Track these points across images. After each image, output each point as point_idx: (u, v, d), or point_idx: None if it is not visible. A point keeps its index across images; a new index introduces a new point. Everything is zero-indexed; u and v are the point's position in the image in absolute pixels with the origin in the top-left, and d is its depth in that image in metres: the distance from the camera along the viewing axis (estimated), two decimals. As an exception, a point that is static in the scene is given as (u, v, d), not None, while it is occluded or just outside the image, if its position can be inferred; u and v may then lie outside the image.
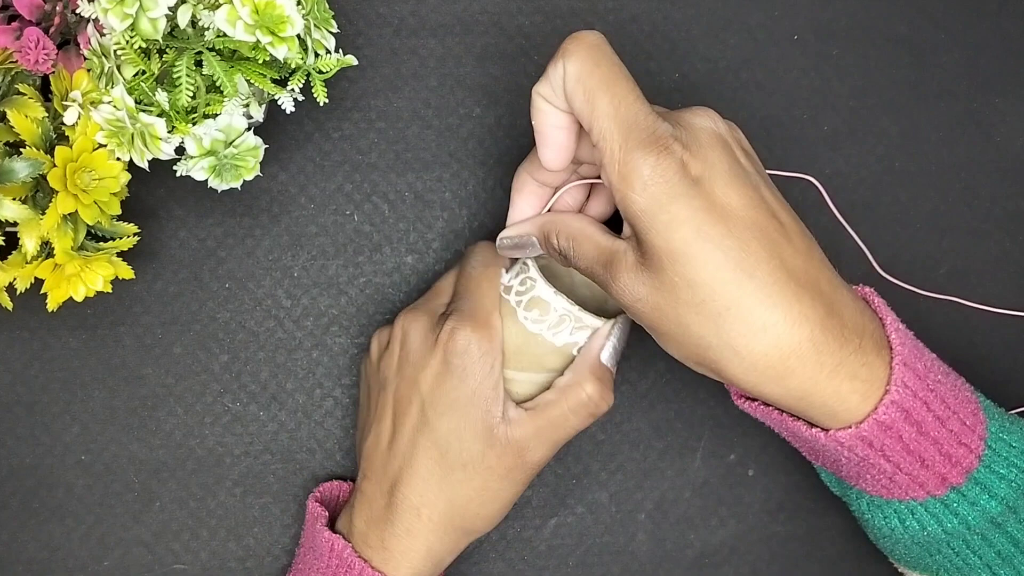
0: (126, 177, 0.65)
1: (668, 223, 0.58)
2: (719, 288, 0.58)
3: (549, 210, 0.69)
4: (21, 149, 0.63)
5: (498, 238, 0.70)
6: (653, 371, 0.80)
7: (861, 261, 0.76)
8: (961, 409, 0.64)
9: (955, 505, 0.64)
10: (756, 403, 0.66)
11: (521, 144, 0.79)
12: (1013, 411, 0.71)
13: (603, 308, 0.72)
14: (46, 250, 0.66)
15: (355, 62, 0.66)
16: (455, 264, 0.74)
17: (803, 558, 0.81)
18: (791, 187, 0.71)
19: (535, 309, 0.68)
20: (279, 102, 0.65)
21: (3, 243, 0.66)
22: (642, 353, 0.79)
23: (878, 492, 0.65)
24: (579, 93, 0.61)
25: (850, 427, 0.61)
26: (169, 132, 0.63)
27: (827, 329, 0.59)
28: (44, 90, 0.67)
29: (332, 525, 0.73)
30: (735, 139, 0.63)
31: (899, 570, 0.73)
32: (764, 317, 0.58)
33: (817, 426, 0.63)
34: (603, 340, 0.68)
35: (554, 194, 0.69)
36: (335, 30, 0.66)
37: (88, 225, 0.66)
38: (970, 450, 0.63)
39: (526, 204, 0.70)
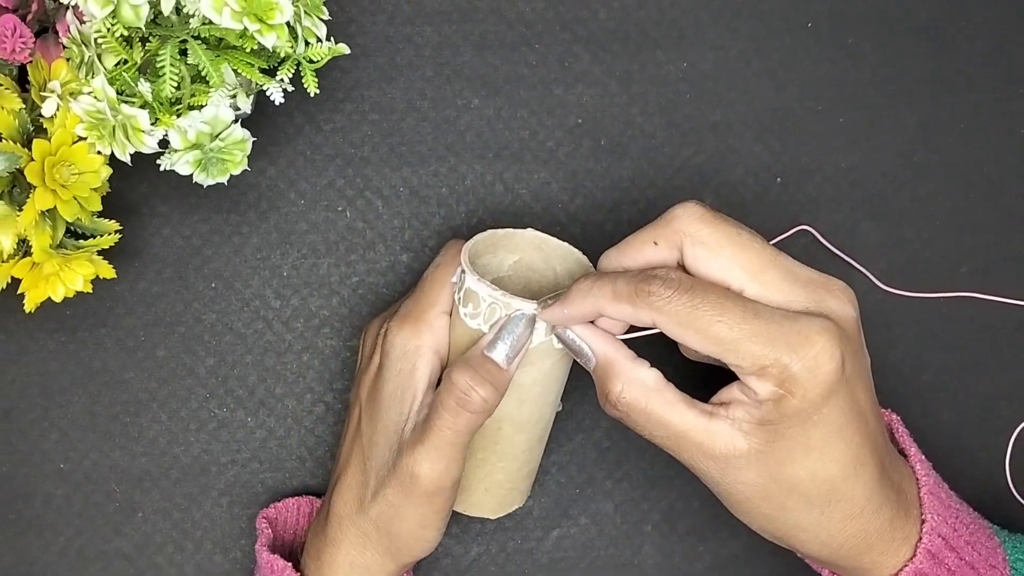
0: (107, 172, 0.65)
1: (818, 422, 0.59)
2: (838, 483, 0.61)
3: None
4: (-4, 142, 0.63)
5: (557, 328, 0.65)
6: (660, 375, 0.80)
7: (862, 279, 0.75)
8: (983, 536, 0.67)
9: None
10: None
11: (521, 137, 0.79)
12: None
13: None
14: (23, 248, 0.66)
15: (347, 51, 0.66)
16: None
17: (816, 571, 0.81)
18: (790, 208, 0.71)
19: (470, 303, 0.66)
20: (268, 93, 0.65)
21: (-22, 241, 0.66)
22: (649, 358, 0.79)
23: None
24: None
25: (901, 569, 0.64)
26: (152, 124, 0.63)
27: (899, 508, 0.64)
28: (21, 80, 0.66)
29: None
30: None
31: None
32: (864, 507, 0.62)
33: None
34: (496, 331, 0.65)
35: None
36: (326, 17, 0.66)
37: (67, 222, 0.66)
38: (1001, 572, 0.66)
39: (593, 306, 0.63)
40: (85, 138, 0.64)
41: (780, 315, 0.58)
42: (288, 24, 0.62)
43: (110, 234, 0.69)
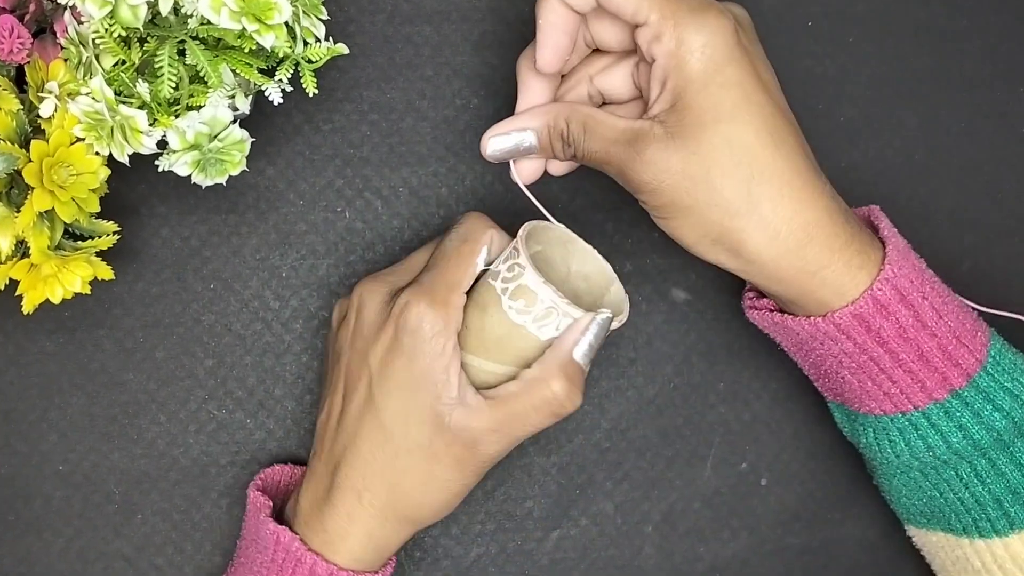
0: (105, 172, 0.65)
1: (722, 84, 0.63)
2: (757, 151, 0.64)
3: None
4: (-5, 143, 0.63)
5: (485, 138, 0.69)
6: (660, 376, 0.81)
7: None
8: (961, 312, 0.68)
9: (958, 415, 0.67)
10: (764, 310, 0.71)
11: (521, 137, 0.79)
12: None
13: (596, 305, 0.71)
14: (21, 249, 0.66)
15: (346, 51, 0.66)
16: (436, 238, 0.73)
17: (819, 571, 0.82)
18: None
19: (521, 299, 0.66)
20: (266, 93, 0.65)
21: (-24, 242, 0.66)
22: (649, 357, 0.80)
23: (881, 407, 0.68)
24: None
25: (847, 306, 0.65)
26: (150, 125, 0.63)
27: (838, 204, 0.66)
28: (19, 81, 0.66)
29: (282, 510, 0.74)
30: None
31: (912, 537, 0.75)
32: (791, 183, 0.64)
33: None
34: (578, 335, 0.66)
35: (560, 82, 0.71)
36: (325, 17, 0.66)
37: (65, 223, 0.66)
38: (971, 352, 0.67)
39: (533, 97, 0.70)
40: (83, 139, 0.63)
41: None
42: (287, 24, 0.62)
43: (108, 235, 0.69)
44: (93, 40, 0.62)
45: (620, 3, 0.64)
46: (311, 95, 0.66)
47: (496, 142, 0.69)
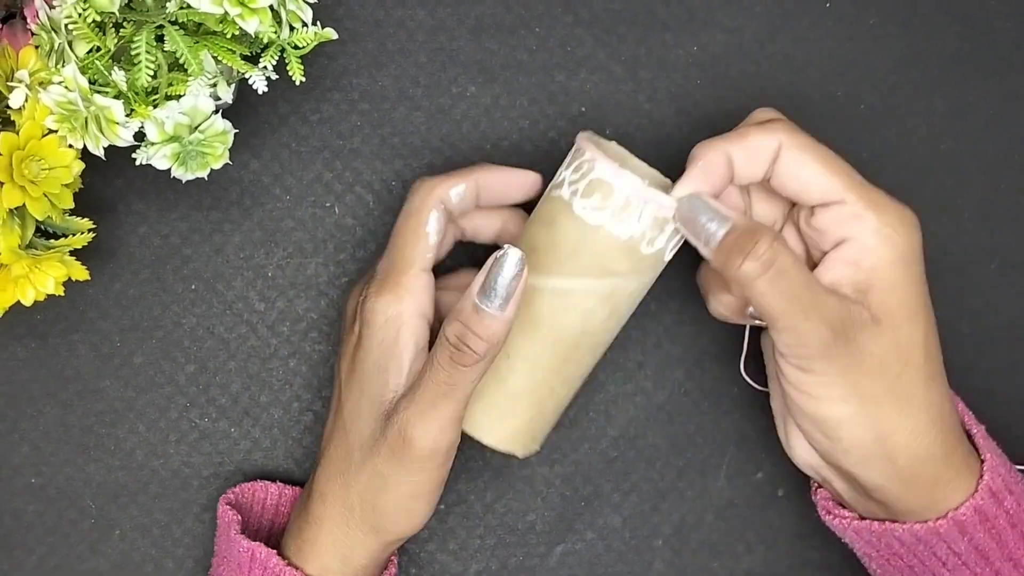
0: (79, 166, 0.65)
1: (916, 280, 0.67)
2: (932, 352, 0.67)
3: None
4: (-40, 136, 0.63)
5: (685, 198, 0.66)
6: (671, 381, 0.80)
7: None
8: None
9: None
10: (850, 518, 0.71)
11: (520, 126, 0.79)
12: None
13: None
14: (-10, 249, 0.66)
15: (335, 36, 0.67)
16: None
17: (840, 587, 0.81)
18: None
19: (595, 194, 0.66)
20: (250, 81, 0.65)
21: (-59, 242, 0.66)
22: (658, 361, 0.80)
23: None
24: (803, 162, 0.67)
25: (946, 516, 0.67)
26: (127, 116, 0.63)
27: (952, 417, 0.69)
28: (-14, 69, 0.67)
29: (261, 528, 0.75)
30: None
31: None
32: (943, 380, 0.69)
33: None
34: (485, 276, 0.64)
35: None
36: (312, 0, 0.66)
37: (37, 220, 0.66)
38: None
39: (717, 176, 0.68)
40: (56, 131, 0.64)
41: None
42: (271, 8, 0.62)
43: (83, 233, 0.69)
44: (66, 26, 0.62)
45: (806, 183, 0.66)
46: (298, 83, 0.66)
47: (695, 204, 0.66)
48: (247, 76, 0.65)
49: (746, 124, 0.69)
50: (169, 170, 0.65)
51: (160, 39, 0.63)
